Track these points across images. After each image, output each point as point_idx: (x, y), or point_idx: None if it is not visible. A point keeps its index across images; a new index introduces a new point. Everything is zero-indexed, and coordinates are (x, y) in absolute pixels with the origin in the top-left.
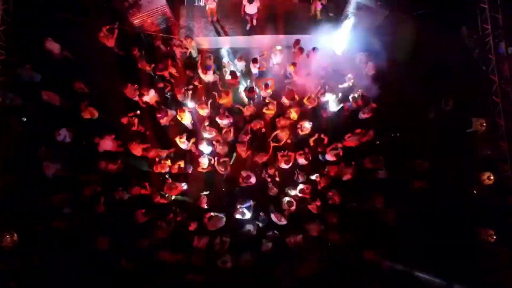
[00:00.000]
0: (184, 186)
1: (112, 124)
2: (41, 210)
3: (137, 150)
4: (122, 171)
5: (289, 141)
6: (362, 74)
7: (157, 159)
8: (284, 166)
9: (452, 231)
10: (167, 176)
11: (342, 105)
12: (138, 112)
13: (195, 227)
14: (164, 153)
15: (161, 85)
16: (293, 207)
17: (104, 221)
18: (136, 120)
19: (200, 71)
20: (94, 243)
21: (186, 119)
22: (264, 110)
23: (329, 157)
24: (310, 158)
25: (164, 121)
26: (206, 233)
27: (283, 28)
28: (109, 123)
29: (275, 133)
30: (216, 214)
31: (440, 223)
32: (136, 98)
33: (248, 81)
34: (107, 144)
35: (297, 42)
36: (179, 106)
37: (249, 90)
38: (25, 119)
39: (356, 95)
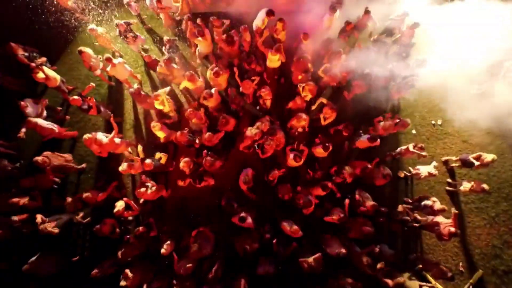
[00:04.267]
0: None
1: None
2: None
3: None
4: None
5: (300, 129)
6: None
7: (126, 154)
8: (293, 163)
9: None
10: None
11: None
12: (93, 85)
13: (170, 249)
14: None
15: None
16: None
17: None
18: (93, 101)
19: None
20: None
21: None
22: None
23: (361, 143)
24: (330, 149)
25: (145, 103)
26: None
27: None
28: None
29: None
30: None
31: None
32: (98, 73)
33: None
34: (39, 124)
35: None
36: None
37: (248, 57)
38: None
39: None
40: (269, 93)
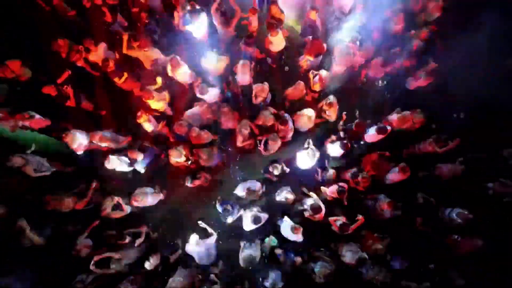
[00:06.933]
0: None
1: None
2: None
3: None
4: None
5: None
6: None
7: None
8: None
9: None
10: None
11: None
12: (69, 72)
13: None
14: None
15: None
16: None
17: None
18: (70, 90)
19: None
20: None
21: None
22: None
23: (370, 137)
24: (350, 146)
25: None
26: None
27: None
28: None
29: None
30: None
31: None
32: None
33: None
34: None
35: None
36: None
37: (248, 37)
38: None
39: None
40: (263, 89)
